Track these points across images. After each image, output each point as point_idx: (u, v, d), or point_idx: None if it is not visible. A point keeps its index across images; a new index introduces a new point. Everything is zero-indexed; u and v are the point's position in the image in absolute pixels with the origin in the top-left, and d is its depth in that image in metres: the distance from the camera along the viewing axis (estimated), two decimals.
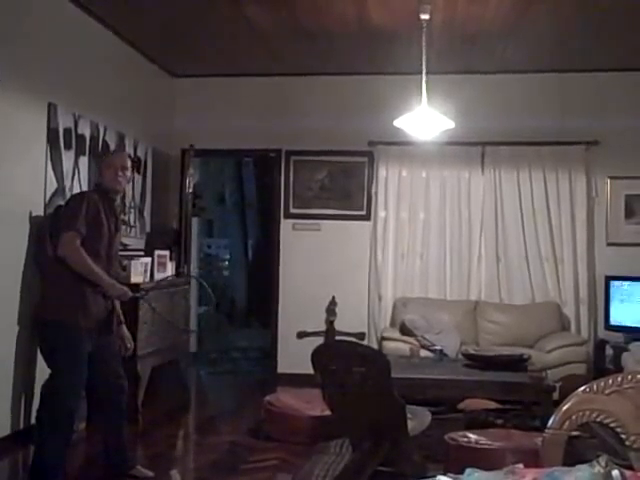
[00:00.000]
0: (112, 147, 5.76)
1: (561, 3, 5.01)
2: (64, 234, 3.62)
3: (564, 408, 2.02)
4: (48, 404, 3.64)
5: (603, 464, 1.49)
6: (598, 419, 2.01)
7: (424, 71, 5.14)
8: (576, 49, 6.06)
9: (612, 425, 2.00)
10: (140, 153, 6.39)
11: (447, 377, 4.74)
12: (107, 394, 3.81)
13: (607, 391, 2.02)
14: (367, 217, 6.95)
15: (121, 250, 4.56)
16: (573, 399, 2.04)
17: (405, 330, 6.19)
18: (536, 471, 1.61)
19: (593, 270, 6.63)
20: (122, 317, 4.05)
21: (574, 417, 2.00)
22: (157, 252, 5.88)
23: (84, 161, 5.32)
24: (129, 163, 3.93)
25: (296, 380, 5.96)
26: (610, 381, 2.04)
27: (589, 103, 6.63)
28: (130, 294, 3.81)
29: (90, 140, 5.41)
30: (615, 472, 1.47)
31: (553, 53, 6.20)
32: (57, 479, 3.57)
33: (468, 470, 1.54)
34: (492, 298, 6.67)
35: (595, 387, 2.04)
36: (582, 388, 2.06)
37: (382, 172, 6.88)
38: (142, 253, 5.99)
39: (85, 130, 5.34)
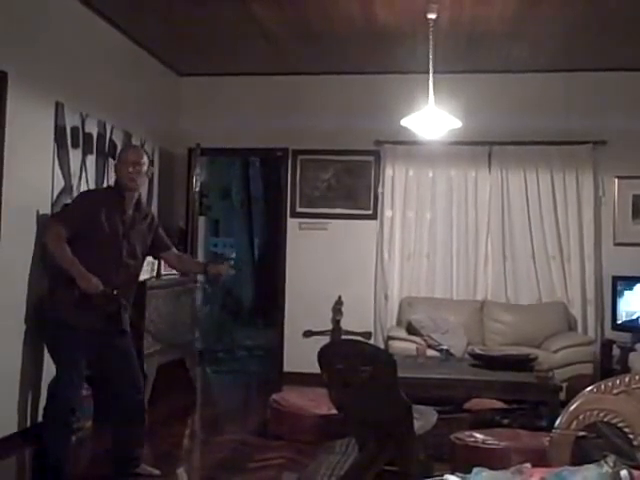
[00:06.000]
0: (119, 146, 5.77)
1: (567, 2, 4.99)
2: (50, 221, 3.55)
3: (571, 408, 2.02)
4: (50, 399, 3.67)
5: (611, 464, 1.48)
6: (606, 419, 2.01)
7: (431, 70, 5.13)
8: (583, 48, 6.04)
9: (620, 425, 1.99)
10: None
11: (453, 377, 4.74)
12: (119, 392, 3.80)
13: (615, 391, 2.02)
14: (374, 216, 6.94)
15: None
16: (580, 399, 2.03)
17: (411, 330, 6.18)
18: (544, 470, 1.60)
19: (600, 270, 6.60)
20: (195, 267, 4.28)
21: (581, 417, 2.00)
22: None
23: (91, 160, 5.34)
24: (144, 158, 3.80)
25: (302, 379, 5.96)
26: (618, 381, 2.03)
27: (596, 102, 6.59)
28: (100, 288, 3.50)
29: (97, 139, 5.43)
30: (624, 472, 1.47)
31: (560, 52, 6.18)
32: (61, 473, 3.59)
33: (476, 469, 1.53)
34: (499, 298, 6.65)
35: (603, 387, 2.03)
36: (589, 388, 2.05)
37: (389, 171, 6.87)
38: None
39: (92, 129, 5.35)
